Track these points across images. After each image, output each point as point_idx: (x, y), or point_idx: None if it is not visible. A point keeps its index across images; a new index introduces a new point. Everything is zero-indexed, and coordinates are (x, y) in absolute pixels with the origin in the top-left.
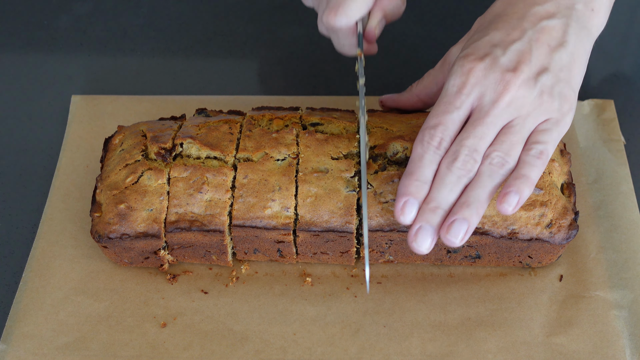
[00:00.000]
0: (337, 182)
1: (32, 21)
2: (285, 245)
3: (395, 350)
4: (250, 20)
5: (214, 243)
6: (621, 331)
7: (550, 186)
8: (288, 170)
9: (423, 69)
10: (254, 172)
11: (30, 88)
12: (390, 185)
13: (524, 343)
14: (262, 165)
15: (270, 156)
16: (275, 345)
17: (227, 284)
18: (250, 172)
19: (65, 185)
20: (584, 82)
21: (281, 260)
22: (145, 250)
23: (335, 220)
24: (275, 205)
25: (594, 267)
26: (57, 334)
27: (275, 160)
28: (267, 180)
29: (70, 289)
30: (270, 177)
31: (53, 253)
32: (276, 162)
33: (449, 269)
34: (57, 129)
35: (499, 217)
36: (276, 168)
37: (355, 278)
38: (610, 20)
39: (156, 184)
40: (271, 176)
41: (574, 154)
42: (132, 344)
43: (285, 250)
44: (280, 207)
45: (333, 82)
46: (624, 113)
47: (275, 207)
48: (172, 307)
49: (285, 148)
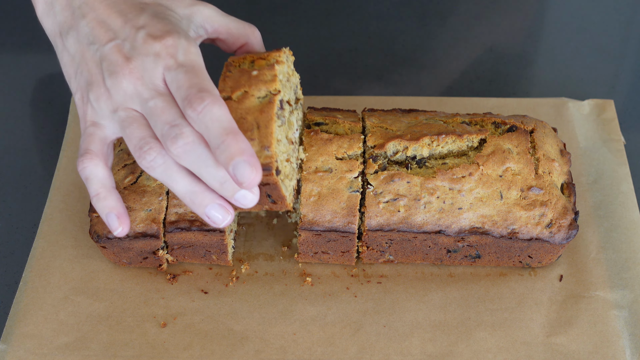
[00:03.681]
0: (341, 182)
1: (32, 21)
2: (272, 189)
3: (395, 350)
4: (250, 20)
5: (214, 243)
6: (621, 331)
7: (550, 186)
8: (267, 107)
9: (423, 69)
10: (232, 111)
11: (30, 88)
12: (391, 185)
13: (524, 343)
14: (240, 104)
15: (251, 94)
16: (275, 345)
17: (227, 283)
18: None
19: (65, 185)
20: (584, 82)
21: (273, 207)
22: (144, 250)
23: (337, 220)
24: (255, 144)
25: (594, 267)
26: (57, 334)
27: (256, 98)
28: (245, 118)
29: (70, 289)
30: (248, 115)
31: (53, 253)
32: (256, 100)
33: (449, 269)
34: (57, 129)
35: (499, 217)
36: (256, 106)
37: (355, 278)
38: (610, 20)
39: (155, 184)
40: (249, 114)
41: (574, 154)
42: (132, 344)
43: (274, 194)
44: (260, 147)
45: (333, 82)
46: (624, 113)
47: (254, 146)
48: (172, 307)
49: (266, 85)
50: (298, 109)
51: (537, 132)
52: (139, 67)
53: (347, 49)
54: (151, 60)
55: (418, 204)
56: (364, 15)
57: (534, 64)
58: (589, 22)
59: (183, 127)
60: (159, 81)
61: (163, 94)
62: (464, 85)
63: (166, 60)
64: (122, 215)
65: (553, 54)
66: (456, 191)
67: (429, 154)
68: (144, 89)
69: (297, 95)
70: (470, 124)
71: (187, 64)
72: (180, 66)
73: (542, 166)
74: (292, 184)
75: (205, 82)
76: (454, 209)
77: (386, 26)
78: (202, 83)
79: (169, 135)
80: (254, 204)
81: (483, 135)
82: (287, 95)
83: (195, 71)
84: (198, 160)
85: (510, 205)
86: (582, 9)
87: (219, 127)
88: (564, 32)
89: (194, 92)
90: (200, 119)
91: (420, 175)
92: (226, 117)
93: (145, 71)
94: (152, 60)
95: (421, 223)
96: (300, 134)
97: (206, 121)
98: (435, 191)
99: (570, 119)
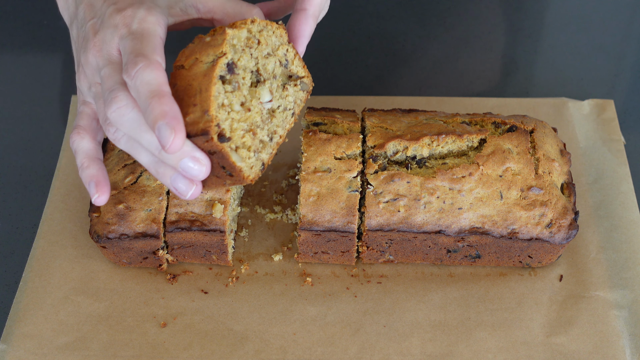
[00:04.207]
0: (340, 182)
1: (32, 21)
2: (220, 158)
3: (395, 350)
4: None
5: (214, 243)
6: (621, 331)
7: (550, 186)
8: (210, 70)
9: (423, 69)
10: (181, 79)
11: (30, 88)
12: (391, 185)
13: (524, 343)
14: (189, 71)
15: (200, 60)
16: (275, 345)
17: (227, 284)
18: (178, 79)
19: (65, 185)
20: (584, 82)
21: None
22: (144, 250)
23: (337, 220)
24: (197, 109)
25: (594, 267)
26: (57, 334)
27: (204, 63)
28: (191, 85)
29: (70, 289)
30: (194, 81)
31: (53, 253)
32: (204, 66)
33: (449, 269)
34: (57, 129)
35: (499, 217)
36: (202, 71)
37: (355, 278)
38: (610, 20)
39: (155, 184)
40: (195, 80)
41: (574, 154)
42: (132, 344)
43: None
44: (201, 112)
45: (333, 82)
46: (624, 113)
47: (196, 112)
48: (172, 307)
49: (213, 50)
50: (291, 85)
51: (537, 132)
52: (100, 40)
53: (347, 49)
54: (110, 32)
55: (418, 204)
56: (364, 15)
57: (534, 64)
58: (589, 22)
59: (118, 91)
60: (114, 51)
61: (113, 63)
62: (464, 85)
63: (121, 30)
64: (100, 184)
65: (553, 54)
66: (456, 191)
67: (429, 154)
68: (101, 59)
69: (292, 70)
70: (470, 124)
71: (138, 32)
72: (130, 34)
73: (542, 166)
74: (263, 158)
75: (146, 48)
76: (454, 209)
77: (386, 26)
78: (143, 49)
79: (106, 100)
80: (203, 174)
81: (483, 135)
82: (249, 62)
83: (142, 38)
84: (133, 125)
85: (510, 205)
86: (582, 9)
87: (146, 91)
88: (564, 32)
89: (132, 58)
90: (133, 84)
91: (420, 175)
92: (156, 81)
93: (104, 43)
94: (111, 32)
95: (421, 223)
96: (295, 112)
97: (137, 85)
98: (435, 191)
99: (570, 119)
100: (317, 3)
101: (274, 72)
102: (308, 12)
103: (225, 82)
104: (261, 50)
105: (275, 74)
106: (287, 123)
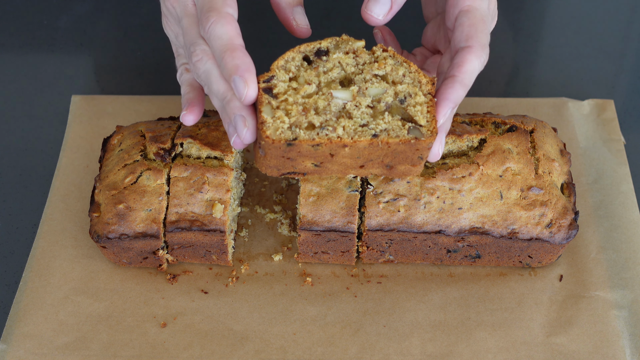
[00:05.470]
0: (339, 182)
1: (32, 21)
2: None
3: (395, 350)
4: (250, 20)
5: (214, 243)
6: (621, 331)
7: (550, 186)
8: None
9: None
10: None
11: (30, 88)
12: (390, 184)
13: (524, 343)
14: None
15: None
16: (275, 345)
17: (227, 284)
18: None
19: (65, 185)
20: (584, 82)
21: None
22: (144, 250)
23: (337, 220)
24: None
25: (594, 267)
26: (57, 334)
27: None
28: None
29: (70, 289)
30: None
31: (53, 253)
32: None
33: (449, 269)
34: (57, 129)
35: (499, 217)
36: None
37: (355, 278)
38: (610, 20)
39: (155, 184)
40: None
41: (574, 154)
42: (132, 344)
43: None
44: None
45: None
46: (624, 113)
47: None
48: (172, 307)
49: (322, 40)
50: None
51: (537, 132)
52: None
53: None
54: None
55: (418, 204)
56: None
57: (534, 64)
58: (589, 22)
59: (195, 46)
60: (189, 2)
61: (189, 15)
62: None
63: None
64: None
65: (553, 54)
66: (456, 191)
67: None
68: (179, 9)
69: (409, 112)
70: (470, 124)
71: None
72: None
73: (542, 166)
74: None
75: (217, 1)
76: (454, 209)
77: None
78: (213, 2)
79: (187, 53)
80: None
81: (483, 135)
82: (346, 60)
83: None
84: (206, 75)
85: (510, 205)
86: (582, 9)
87: (219, 45)
88: (564, 32)
89: (204, 12)
90: (208, 38)
91: (420, 175)
92: (227, 35)
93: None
94: None
95: (421, 223)
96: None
97: (211, 39)
98: (435, 191)
99: (570, 119)
100: (468, 71)
101: (377, 95)
102: (456, 79)
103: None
104: (372, 69)
105: (379, 97)
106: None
